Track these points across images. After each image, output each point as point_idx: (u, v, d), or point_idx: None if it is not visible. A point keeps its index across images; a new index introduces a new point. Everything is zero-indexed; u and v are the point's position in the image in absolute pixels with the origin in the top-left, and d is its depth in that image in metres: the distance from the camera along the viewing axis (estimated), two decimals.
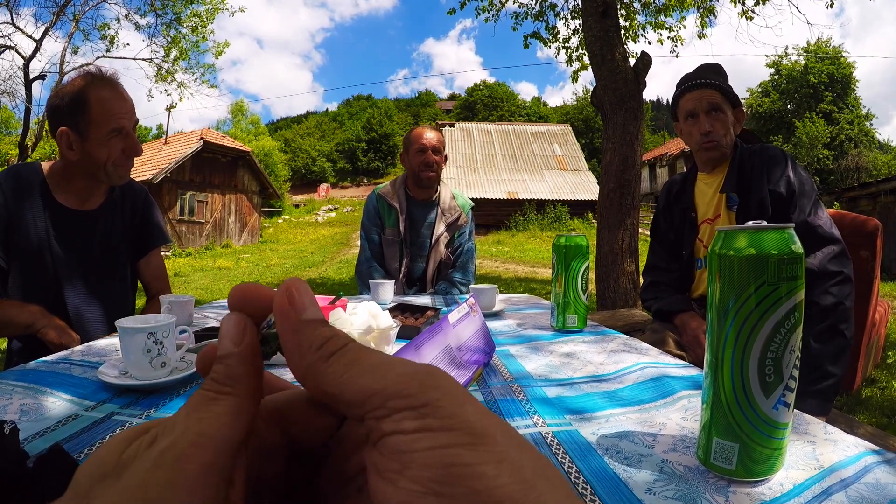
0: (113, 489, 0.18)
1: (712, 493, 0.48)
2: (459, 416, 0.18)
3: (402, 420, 0.18)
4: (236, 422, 0.20)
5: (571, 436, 0.62)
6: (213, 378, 0.21)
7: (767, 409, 0.48)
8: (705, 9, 7.13)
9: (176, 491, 0.18)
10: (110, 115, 1.36)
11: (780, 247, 0.48)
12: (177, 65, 10.79)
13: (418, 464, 0.17)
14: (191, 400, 0.21)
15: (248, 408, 0.21)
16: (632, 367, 0.89)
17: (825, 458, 0.55)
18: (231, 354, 0.22)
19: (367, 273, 2.18)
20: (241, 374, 0.21)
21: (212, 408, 0.20)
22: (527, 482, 0.16)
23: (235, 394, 0.21)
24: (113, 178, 1.43)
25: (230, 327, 0.23)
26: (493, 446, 0.17)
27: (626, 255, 4.31)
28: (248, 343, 0.22)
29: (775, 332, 0.48)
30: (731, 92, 1.58)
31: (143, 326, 0.82)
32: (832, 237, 1.39)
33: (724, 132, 1.57)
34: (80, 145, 1.36)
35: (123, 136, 1.39)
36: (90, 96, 1.34)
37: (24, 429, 0.62)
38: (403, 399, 0.18)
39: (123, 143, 1.40)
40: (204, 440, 0.19)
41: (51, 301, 1.41)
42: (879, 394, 2.86)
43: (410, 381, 0.19)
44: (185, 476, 0.18)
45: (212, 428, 0.19)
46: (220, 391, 0.21)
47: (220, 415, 0.20)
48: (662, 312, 1.67)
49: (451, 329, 0.83)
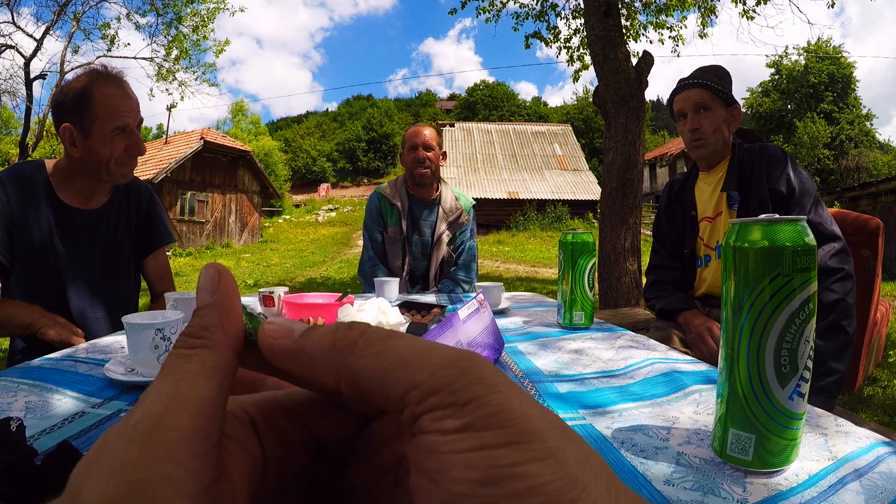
0: (94, 472, 0.16)
1: (730, 483, 0.48)
2: (503, 413, 0.17)
3: (444, 419, 0.17)
4: (213, 377, 0.18)
5: (586, 430, 0.62)
6: (185, 333, 0.20)
7: (783, 399, 0.49)
8: (706, 8, 7.13)
9: (158, 465, 0.16)
10: (114, 113, 1.35)
11: (794, 239, 0.48)
12: (178, 64, 10.79)
13: (460, 465, 0.16)
14: (164, 363, 0.19)
15: (226, 360, 0.19)
16: (641, 362, 0.89)
17: (838, 449, 0.55)
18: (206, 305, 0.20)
19: (371, 272, 2.18)
20: (215, 323, 0.20)
21: (184, 366, 0.18)
22: (569, 476, 0.16)
23: (209, 345, 0.19)
24: (115, 176, 1.42)
25: (206, 280, 0.21)
26: (536, 443, 0.16)
27: (628, 255, 4.32)
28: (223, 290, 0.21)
29: (790, 322, 0.48)
30: (722, 90, 1.59)
31: (151, 323, 0.82)
32: (833, 234, 1.39)
33: (711, 129, 1.59)
34: (83, 142, 1.35)
35: (127, 134, 1.38)
36: (94, 93, 1.33)
37: (30, 426, 0.61)
38: (447, 395, 0.17)
39: (126, 141, 1.39)
40: (179, 403, 0.17)
41: (54, 300, 1.41)
42: (881, 392, 2.87)
43: (453, 372, 0.17)
44: (163, 448, 0.16)
45: (186, 387, 0.17)
46: (192, 345, 0.19)
47: (194, 373, 0.18)
48: (666, 311, 1.67)
49: (460, 325, 0.83)
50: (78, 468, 0.17)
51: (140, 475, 0.15)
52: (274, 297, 1.30)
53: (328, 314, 1.14)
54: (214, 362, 0.19)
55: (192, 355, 0.19)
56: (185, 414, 0.17)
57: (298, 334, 0.20)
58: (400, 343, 0.19)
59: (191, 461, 0.16)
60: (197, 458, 0.16)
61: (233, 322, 0.20)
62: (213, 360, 0.19)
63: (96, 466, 0.16)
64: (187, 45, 10.70)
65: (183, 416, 0.17)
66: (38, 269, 1.39)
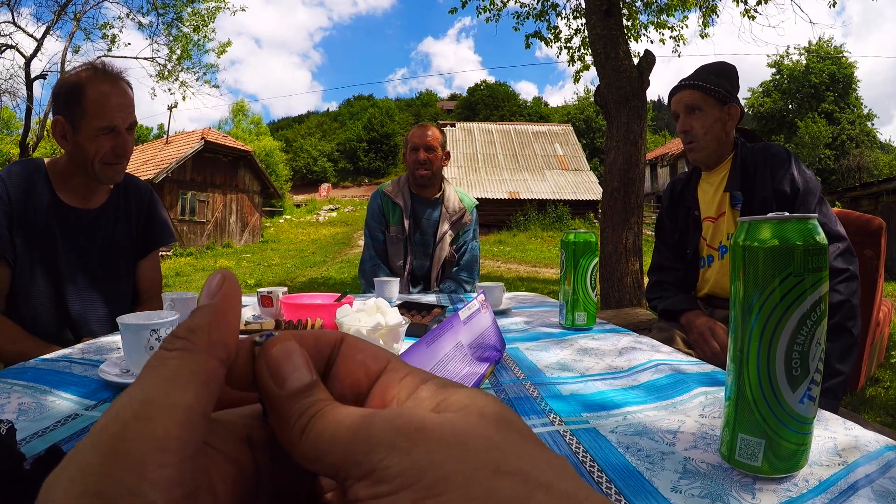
0: (59, 480, 0.15)
1: (738, 490, 0.47)
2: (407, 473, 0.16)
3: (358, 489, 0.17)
4: (193, 382, 0.17)
5: (590, 434, 0.60)
6: (171, 334, 0.18)
7: (794, 403, 0.47)
8: (707, 8, 7.12)
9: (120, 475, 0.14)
10: (103, 111, 1.32)
11: (805, 237, 0.47)
12: (179, 64, 10.80)
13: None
14: (144, 366, 0.18)
15: (208, 366, 0.18)
16: (645, 363, 0.88)
17: (848, 454, 0.54)
18: (201, 307, 0.19)
19: (372, 272, 2.16)
20: (203, 326, 0.18)
21: (160, 370, 0.17)
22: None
23: (190, 348, 0.18)
24: (101, 176, 1.39)
25: (211, 283, 0.20)
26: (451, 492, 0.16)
27: (630, 254, 4.31)
28: (223, 294, 0.20)
29: (802, 324, 0.46)
30: (715, 90, 1.56)
31: (146, 323, 0.80)
32: (838, 234, 1.38)
33: (703, 131, 1.58)
34: (72, 136, 1.34)
35: (115, 134, 1.35)
36: (88, 88, 1.31)
37: (22, 429, 0.60)
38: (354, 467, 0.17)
39: (114, 141, 1.35)
40: (151, 410, 0.16)
41: (52, 300, 1.40)
42: (884, 393, 2.86)
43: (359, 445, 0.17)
44: (128, 457, 0.15)
45: (161, 393, 0.16)
46: (172, 347, 0.18)
47: (172, 377, 0.17)
48: (668, 311, 1.66)
49: (461, 326, 0.82)
50: (51, 476, 0.15)
51: (100, 486, 0.14)
52: (272, 297, 1.29)
53: (326, 315, 1.13)
54: (194, 368, 0.18)
55: (170, 358, 0.18)
56: (155, 421, 0.16)
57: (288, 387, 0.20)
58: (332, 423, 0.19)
59: (158, 471, 0.15)
60: (165, 468, 0.15)
61: (224, 328, 0.19)
62: (193, 366, 0.18)
63: (63, 473, 0.15)
64: (190, 46, 10.70)
65: (152, 424, 0.15)
66: (38, 269, 1.38)
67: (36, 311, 1.38)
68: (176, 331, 0.18)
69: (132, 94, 1.40)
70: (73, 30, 10.26)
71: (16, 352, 1.24)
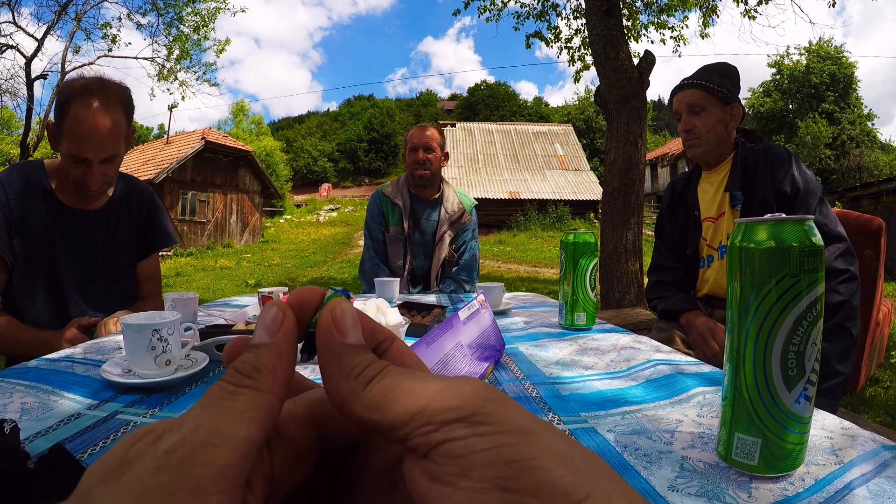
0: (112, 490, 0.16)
1: (735, 489, 0.47)
2: (507, 419, 0.18)
3: (452, 430, 0.18)
4: (257, 420, 0.18)
5: (589, 433, 0.61)
6: (235, 368, 0.20)
7: (790, 403, 0.48)
8: (708, 8, 7.12)
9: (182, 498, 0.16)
10: (76, 139, 1.25)
11: (801, 239, 0.47)
12: (179, 64, 10.80)
13: (478, 464, 0.17)
14: (207, 393, 0.19)
15: (271, 404, 0.19)
16: (644, 364, 0.88)
17: (844, 454, 0.54)
18: (263, 344, 0.20)
19: (372, 272, 2.17)
20: (268, 366, 0.20)
21: (229, 403, 0.18)
22: (581, 472, 0.17)
23: (258, 387, 0.19)
24: (80, 193, 1.37)
25: (268, 317, 0.21)
26: (544, 441, 0.17)
27: (630, 255, 4.31)
28: (284, 333, 0.21)
29: (797, 324, 0.47)
30: (718, 90, 1.57)
31: (148, 323, 0.81)
32: (838, 235, 1.38)
33: (705, 130, 1.58)
34: (57, 144, 1.32)
35: (85, 165, 1.29)
36: (72, 107, 1.25)
37: (25, 428, 0.61)
38: (450, 412, 0.18)
39: (81, 170, 1.30)
40: (218, 439, 0.17)
41: (53, 301, 1.40)
42: (883, 393, 2.86)
43: (451, 395, 0.19)
44: (192, 481, 0.16)
45: (228, 426, 0.17)
46: (240, 383, 0.19)
47: (239, 411, 0.18)
48: (668, 312, 1.66)
49: (461, 326, 0.82)
50: (90, 478, 0.17)
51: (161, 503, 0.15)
52: (273, 297, 1.30)
53: None
54: (260, 405, 0.19)
55: (238, 393, 0.19)
56: (221, 453, 0.17)
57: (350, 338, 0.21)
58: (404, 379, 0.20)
59: (215, 496, 0.16)
60: (222, 493, 0.16)
61: (285, 368, 0.20)
62: (259, 403, 0.19)
63: (116, 484, 0.16)
64: (189, 46, 10.71)
65: (219, 454, 0.17)
66: (38, 270, 1.38)
67: (36, 311, 1.38)
68: (242, 367, 0.20)
69: (122, 121, 1.32)
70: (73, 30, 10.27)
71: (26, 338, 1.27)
